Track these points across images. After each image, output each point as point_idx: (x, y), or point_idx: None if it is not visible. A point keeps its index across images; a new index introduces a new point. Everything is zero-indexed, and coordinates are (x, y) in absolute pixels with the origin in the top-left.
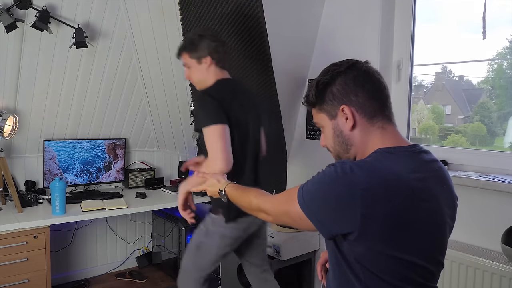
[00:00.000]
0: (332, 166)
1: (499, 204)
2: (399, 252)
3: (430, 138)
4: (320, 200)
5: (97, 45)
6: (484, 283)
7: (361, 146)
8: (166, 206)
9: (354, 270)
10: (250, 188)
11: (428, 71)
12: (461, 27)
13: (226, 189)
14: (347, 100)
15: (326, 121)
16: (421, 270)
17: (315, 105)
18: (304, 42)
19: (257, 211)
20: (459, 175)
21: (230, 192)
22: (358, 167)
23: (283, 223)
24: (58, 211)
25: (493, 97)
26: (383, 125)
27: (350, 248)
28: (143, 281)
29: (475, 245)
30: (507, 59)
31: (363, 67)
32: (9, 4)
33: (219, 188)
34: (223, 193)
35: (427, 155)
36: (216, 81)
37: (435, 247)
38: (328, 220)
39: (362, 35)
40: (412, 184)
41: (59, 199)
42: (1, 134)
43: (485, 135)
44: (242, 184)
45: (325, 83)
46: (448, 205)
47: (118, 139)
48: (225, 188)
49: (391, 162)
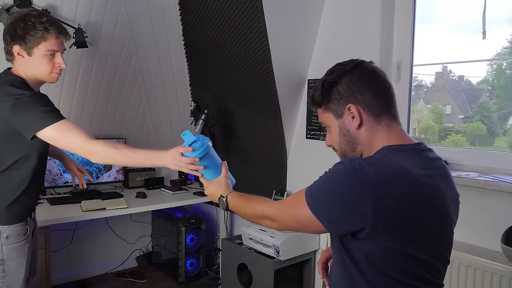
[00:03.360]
0: (340, 164)
1: (499, 204)
2: (407, 247)
3: (430, 138)
4: (331, 198)
5: (97, 45)
6: (484, 283)
7: (367, 145)
8: (166, 206)
9: (360, 268)
10: (254, 196)
11: (428, 71)
12: (461, 27)
13: (229, 196)
14: (353, 99)
15: (332, 121)
16: (428, 266)
17: (321, 105)
18: (304, 42)
19: (261, 218)
20: (459, 175)
21: (232, 200)
22: (367, 163)
23: (289, 229)
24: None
25: (493, 97)
26: (389, 123)
27: (359, 245)
28: (143, 281)
29: (475, 245)
30: (507, 59)
31: (369, 66)
32: (9, 4)
33: (220, 194)
34: (224, 199)
35: (431, 153)
36: None
37: (442, 244)
38: (340, 218)
39: (362, 35)
40: (420, 180)
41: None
42: None
43: (485, 135)
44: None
45: (331, 82)
46: (452, 202)
47: (118, 139)
48: (228, 195)
49: (399, 158)
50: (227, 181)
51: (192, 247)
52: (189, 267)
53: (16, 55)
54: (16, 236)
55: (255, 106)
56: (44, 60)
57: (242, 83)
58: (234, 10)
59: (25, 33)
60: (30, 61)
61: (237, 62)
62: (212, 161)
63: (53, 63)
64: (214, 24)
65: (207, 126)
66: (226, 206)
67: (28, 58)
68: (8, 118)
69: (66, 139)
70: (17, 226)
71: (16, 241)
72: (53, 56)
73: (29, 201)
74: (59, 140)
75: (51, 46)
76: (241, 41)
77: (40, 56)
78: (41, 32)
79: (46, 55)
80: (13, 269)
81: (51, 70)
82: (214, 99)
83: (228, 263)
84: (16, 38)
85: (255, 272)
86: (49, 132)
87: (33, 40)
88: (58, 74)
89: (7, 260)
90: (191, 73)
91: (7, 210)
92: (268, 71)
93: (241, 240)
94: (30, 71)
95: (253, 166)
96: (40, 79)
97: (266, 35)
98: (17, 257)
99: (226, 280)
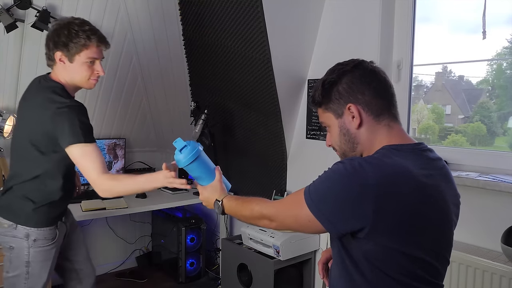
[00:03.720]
0: (340, 163)
1: (499, 204)
2: (407, 247)
3: (430, 138)
4: (330, 198)
5: None
6: (484, 283)
7: (367, 144)
8: (166, 206)
9: (360, 268)
10: (250, 197)
11: (428, 71)
12: (461, 27)
13: (224, 200)
14: (353, 99)
15: (332, 120)
16: (428, 266)
17: (321, 105)
18: (304, 42)
19: (259, 218)
20: (459, 175)
21: (228, 203)
22: (367, 163)
23: (288, 228)
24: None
25: (493, 97)
26: (389, 123)
27: (359, 245)
28: (143, 281)
29: (475, 245)
30: (507, 59)
31: (369, 66)
32: (9, 4)
33: (216, 198)
34: (220, 203)
35: (432, 153)
36: None
37: (442, 244)
38: (340, 218)
39: (362, 35)
40: (420, 180)
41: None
42: (1, 134)
43: (485, 135)
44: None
45: (331, 82)
46: (453, 203)
47: (118, 139)
48: (223, 199)
49: (399, 158)
50: (222, 185)
51: (192, 247)
52: (189, 267)
53: (58, 61)
54: (44, 240)
55: (255, 106)
56: (84, 67)
57: (242, 83)
58: (234, 10)
59: (69, 40)
60: (71, 67)
61: (237, 62)
62: (204, 165)
63: (92, 70)
64: (214, 24)
65: (207, 126)
66: (222, 210)
67: (69, 64)
68: (49, 126)
69: (84, 164)
70: (46, 230)
71: (43, 245)
72: (92, 64)
73: (61, 206)
74: (78, 161)
75: (92, 54)
76: (241, 41)
77: (81, 63)
78: (83, 40)
79: (86, 62)
80: (36, 272)
81: (90, 77)
82: (214, 99)
83: (228, 263)
84: (59, 44)
85: (255, 272)
86: (74, 150)
87: (75, 48)
88: (96, 81)
89: (32, 263)
90: (191, 73)
91: (37, 213)
92: (268, 71)
93: (241, 240)
94: (70, 77)
95: (253, 166)
96: (78, 85)
97: (266, 35)
98: (41, 261)
99: (226, 280)
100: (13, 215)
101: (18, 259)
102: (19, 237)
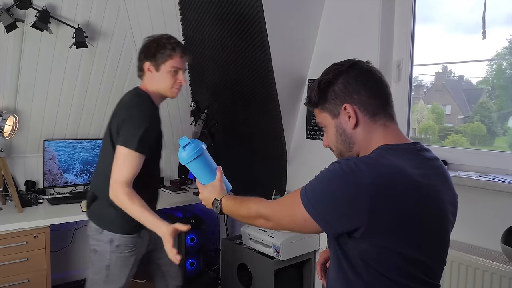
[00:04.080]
0: (336, 163)
1: (499, 204)
2: (403, 247)
3: (430, 138)
4: (326, 197)
5: (97, 45)
6: (484, 283)
7: (363, 144)
8: (166, 206)
9: (357, 269)
10: (248, 197)
11: (428, 71)
12: (461, 27)
13: (223, 199)
14: (349, 99)
15: (328, 120)
16: (424, 267)
17: (318, 105)
18: (304, 42)
19: (255, 218)
20: (459, 175)
21: (226, 202)
22: (363, 162)
23: (284, 228)
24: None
25: (493, 97)
26: (385, 123)
27: (355, 246)
28: (143, 281)
29: (475, 245)
30: (507, 59)
31: (365, 66)
32: (9, 4)
33: (214, 198)
34: (218, 202)
35: (428, 153)
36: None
37: (438, 244)
38: (335, 217)
39: (362, 35)
40: (416, 179)
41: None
42: (1, 134)
43: (485, 135)
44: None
45: (327, 82)
46: (450, 203)
47: None
48: (222, 198)
49: (395, 158)
50: (222, 185)
51: (192, 247)
52: (189, 267)
53: (146, 70)
54: (125, 246)
55: (255, 106)
56: (168, 76)
57: (242, 83)
58: (234, 10)
59: (156, 51)
60: (157, 76)
61: (237, 62)
62: (206, 164)
63: (175, 79)
64: (214, 24)
65: (207, 126)
66: (220, 209)
67: (156, 73)
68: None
69: (119, 166)
70: (129, 237)
71: (123, 251)
72: (176, 73)
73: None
74: (116, 161)
75: (176, 63)
76: (241, 41)
77: (166, 72)
78: (169, 51)
79: (170, 71)
80: (115, 277)
81: (172, 86)
82: (214, 99)
83: (228, 263)
84: (148, 55)
85: (255, 272)
86: (121, 151)
87: (162, 58)
88: (178, 90)
89: (111, 267)
90: (191, 73)
91: (123, 219)
92: (268, 71)
93: (241, 240)
94: (155, 86)
95: (253, 166)
96: (162, 93)
97: (266, 35)
98: (120, 266)
99: (226, 280)
100: (100, 220)
101: (100, 262)
102: (103, 241)
